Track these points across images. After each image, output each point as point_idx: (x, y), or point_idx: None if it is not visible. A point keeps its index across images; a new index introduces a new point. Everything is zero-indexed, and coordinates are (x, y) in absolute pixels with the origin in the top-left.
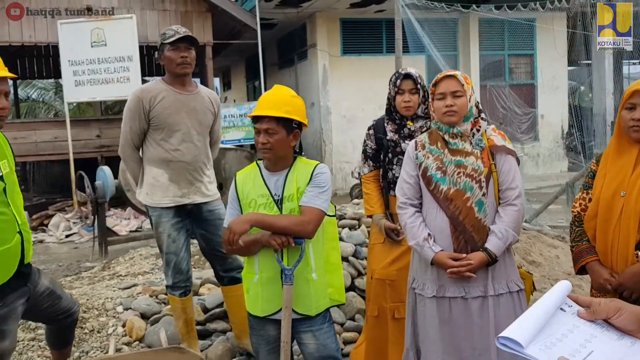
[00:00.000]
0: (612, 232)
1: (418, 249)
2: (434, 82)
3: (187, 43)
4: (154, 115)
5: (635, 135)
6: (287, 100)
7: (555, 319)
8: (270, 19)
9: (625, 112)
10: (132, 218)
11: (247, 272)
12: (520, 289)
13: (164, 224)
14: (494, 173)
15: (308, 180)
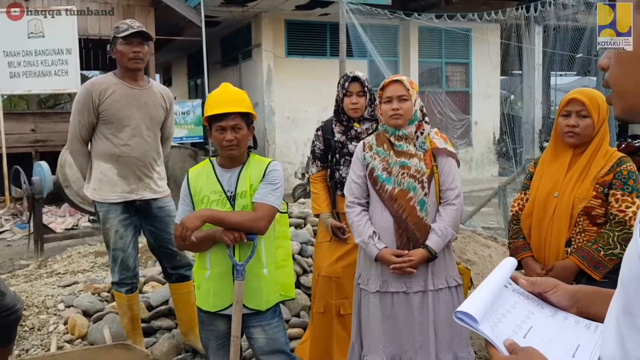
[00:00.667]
0: (545, 230)
1: (363, 245)
2: (382, 86)
3: (140, 38)
4: (103, 109)
5: (570, 141)
6: (243, 97)
7: (500, 296)
8: (214, 16)
9: (561, 118)
10: (67, 215)
11: (199, 267)
12: (458, 284)
13: (112, 220)
14: (436, 174)
15: (261, 177)
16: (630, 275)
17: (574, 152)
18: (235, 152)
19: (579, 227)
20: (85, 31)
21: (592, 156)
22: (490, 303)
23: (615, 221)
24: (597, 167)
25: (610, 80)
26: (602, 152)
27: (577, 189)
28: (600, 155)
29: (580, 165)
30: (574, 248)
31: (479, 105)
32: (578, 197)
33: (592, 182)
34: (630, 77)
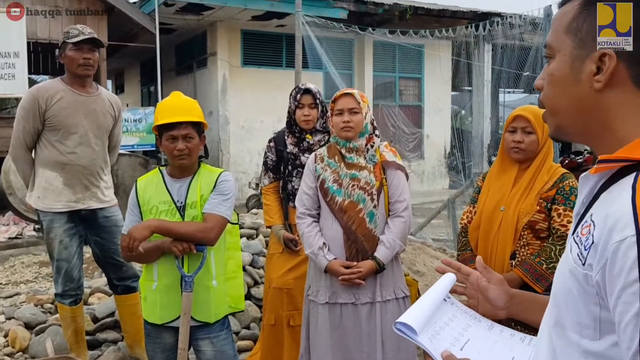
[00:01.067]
0: (492, 243)
1: (313, 257)
2: (333, 99)
3: (91, 44)
4: (50, 115)
5: (515, 156)
6: (194, 105)
7: (440, 309)
8: (169, 24)
9: (507, 134)
10: (12, 224)
11: (146, 279)
12: (405, 295)
13: (56, 230)
14: (385, 187)
15: (212, 188)
16: (561, 289)
17: (520, 167)
18: (186, 161)
19: (523, 241)
20: (35, 34)
21: (536, 171)
22: (429, 315)
23: (557, 235)
24: (541, 182)
25: (543, 100)
26: (546, 168)
27: (521, 203)
28: (544, 170)
29: (525, 180)
30: (518, 261)
31: (430, 119)
32: (522, 211)
33: (536, 196)
34: (559, 98)
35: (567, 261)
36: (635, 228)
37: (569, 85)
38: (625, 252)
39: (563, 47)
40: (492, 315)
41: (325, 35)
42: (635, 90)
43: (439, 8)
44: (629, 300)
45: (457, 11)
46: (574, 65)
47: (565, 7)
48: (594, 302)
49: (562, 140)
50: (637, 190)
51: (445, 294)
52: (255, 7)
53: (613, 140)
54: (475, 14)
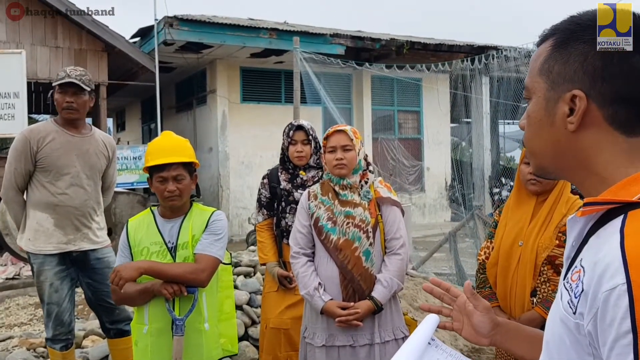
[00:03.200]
0: (511, 280)
1: (309, 298)
2: (326, 136)
3: (75, 88)
4: (41, 156)
5: (533, 188)
6: (185, 145)
7: (425, 353)
8: (169, 62)
9: (523, 166)
10: (9, 264)
11: (137, 322)
12: (405, 335)
13: (46, 272)
14: (381, 223)
15: (204, 228)
16: (553, 338)
17: (537, 200)
18: (176, 202)
19: (544, 277)
20: (35, 74)
21: (554, 204)
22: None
23: None
24: (559, 215)
25: (524, 140)
26: (564, 200)
27: (540, 237)
28: (562, 202)
29: (543, 214)
30: (539, 298)
31: (430, 151)
32: (541, 246)
33: (554, 230)
34: (537, 140)
35: (558, 308)
36: (626, 275)
37: (545, 126)
38: (616, 302)
39: (538, 88)
40: (475, 341)
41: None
42: (610, 131)
43: (435, 42)
44: (622, 352)
45: (454, 45)
46: (548, 106)
47: (540, 47)
48: (587, 352)
49: (545, 178)
50: (625, 234)
51: (429, 337)
52: (254, 45)
53: (596, 180)
54: (472, 47)
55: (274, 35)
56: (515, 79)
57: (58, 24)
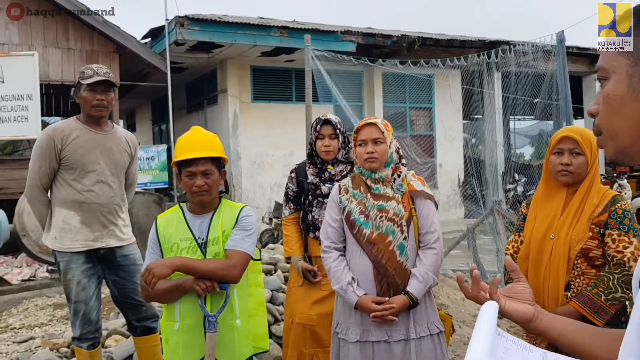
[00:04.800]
0: (543, 274)
1: (342, 293)
2: (356, 129)
3: (105, 85)
4: (66, 154)
5: (564, 179)
6: (214, 140)
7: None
8: (180, 62)
9: (553, 157)
10: (24, 266)
11: (167, 320)
12: (440, 331)
13: (74, 271)
14: (414, 217)
15: (234, 223)
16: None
17: (568, 191)
18: (205, 198)
19: (577, 270)
20: (47, 76)
21: (585, 195)
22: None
23: (613, 263)
24: (591, 206)
25: (600, 123)
26: (595, 190)
27: (572, 230)
28: (594, 193)
29: (575, 205)
30: (573, 292)
31: (442, 148)
32: (574, 239)
33: (587, 222)
34: (618, 119)
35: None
36: None
37: (627, 103)
38: None
39: (617, 66)
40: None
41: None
42: None
43: (447, 38)
44: None
45: (466, 40)
46: (632, 82)
47: None
48: None
49: (622, 163)
50: None
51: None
52: (265, 44)
53: None
54: (484, 42)
55: (285, 33)
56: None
57: (69, 25)
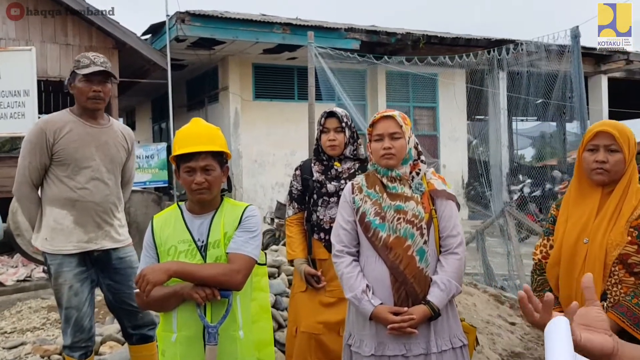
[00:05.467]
0: (576, 281)
1: (356, 302)
2: (372, 123)
3: (102, 76)
4: (58, 149)
5: (598, 178)
6: (216, 133)
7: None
8: (180, 59)
9: (587, 154)
10: (20, 266)
11: (164, 330)
12: (463, 344)
13: (65, 274)
14: (435, 219)
15: (237, 224)
16: None
17: (603, 192)
18: (205, 196)
19: (615, 278)
20: (45, 72)
21: (622, 195)
22: None
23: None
24: (629, 207)
25: None
26: (633, 191)
27: (609, 233)
28: (632, 193)
29: (611, 206)
30: (610, 302)
31: (446, 148)
32: (611, 243)
33: (625, 225)
34: None
35: None
36: None
37: None
38: None
39: None
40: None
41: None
42: None
43: (452, 37)
44: None
45: (471, 39)
46: None
47: None
48: None
49: None
50: None
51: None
52: (267, 40)
53: None
54: (489, 41)
55: (288, 30)
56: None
57: (68, 21)
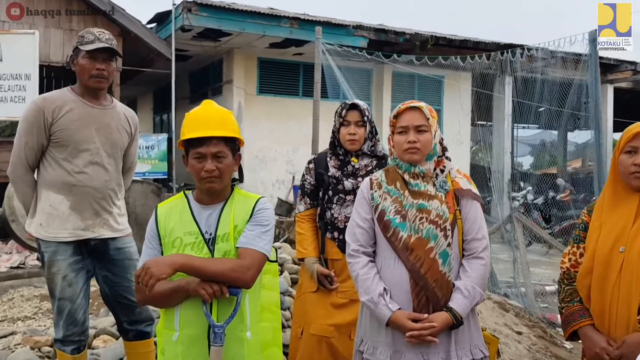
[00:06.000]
0: (611, 293)
1: (372, 306)
2: (396, 113)
3: (107, 54)
4: (57, 129)
5: (637, 183)
6: (229, 118)
7: None
8: (185, 50)
9: (624, 156)
10: (14, 252)
11: (164, 327)
12: (484, 356)
13: (60, 263)
14: (459, 220)
15: (248, 217)
16: None
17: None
18: (215, 185)
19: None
20: (48, 57)
21: None
22: None
23: None
24: None
25: None
26: None
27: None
28: None
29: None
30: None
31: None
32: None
33: None
34: None
35: None
36: None
37: None
38: None
39: None
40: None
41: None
42: None
43: (460, 39)
44: None
45: (480, 42)
46: None
47: None
48: None
49: None
50: None
51: None
52: (274, 34)
53: None
54: (498, 45)
55: (295, 24)
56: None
57: (73, 5)
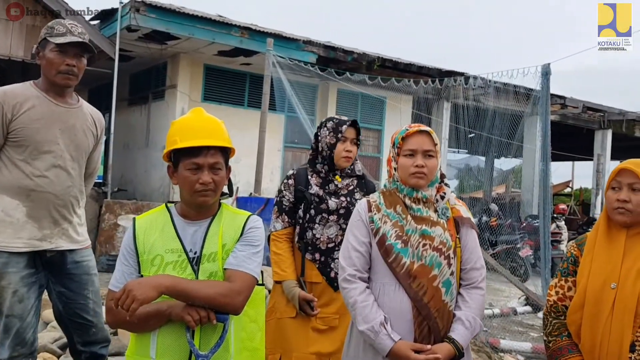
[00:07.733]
0: (602, 329)
1: (372, 335)
2: (404, 136)
3: (78, 49)
4: (16, 127)
5: (620, 218)
6: (221, 127)
7: None
8: (128, 50)
9: (610, 192)
10: None
11: (137, 354)
12: None
13: (10, 276)
14: (458, 249)
15: (238, 236)
16: None
17: (627, 233)
18: (209, 199)
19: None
20: None
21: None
22: None
23: None
24: None
25: None
26: None
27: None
28: None
29: (639, 250)
30: (639, 354)
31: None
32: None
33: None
34: None
35: None
36: None
37: None
38: None
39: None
40: None
41: (292, 78)
42: None
43: (405, 62)
44: None
45: (423, 67)
46: None
47: None
48: None
49: None
50: None
51: None
52: (224, 42)
53: None
54: (440, 71)
55: (246, 34)
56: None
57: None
